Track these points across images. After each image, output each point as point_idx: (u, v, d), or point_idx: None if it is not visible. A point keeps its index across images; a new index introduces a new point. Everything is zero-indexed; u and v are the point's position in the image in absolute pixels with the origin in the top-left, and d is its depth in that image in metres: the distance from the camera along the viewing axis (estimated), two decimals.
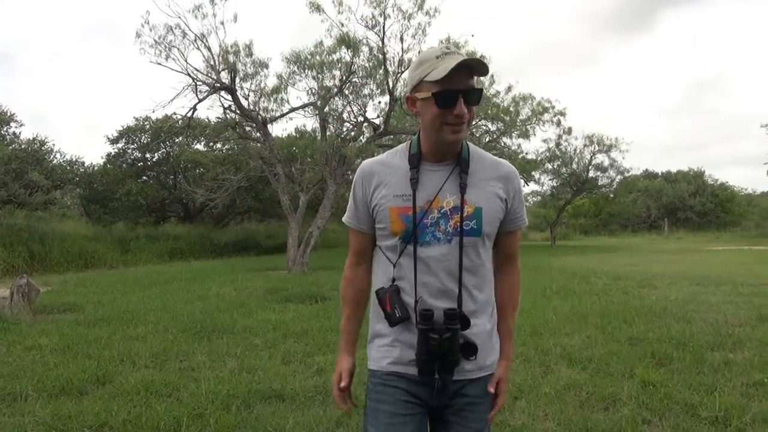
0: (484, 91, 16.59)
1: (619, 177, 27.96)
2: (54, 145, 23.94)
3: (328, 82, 14.63)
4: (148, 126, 23.61)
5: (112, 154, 24.39)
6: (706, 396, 3.80)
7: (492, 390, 1.65)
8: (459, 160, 1.58)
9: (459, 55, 1.46)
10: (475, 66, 1.47)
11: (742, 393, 3.89)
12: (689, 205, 38.15)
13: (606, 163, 26.21)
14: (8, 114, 21.35)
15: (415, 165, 1.57)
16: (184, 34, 13.84)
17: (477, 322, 1.58)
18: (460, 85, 1.46)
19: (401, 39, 13.47)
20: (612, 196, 31.78)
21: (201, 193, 17.83)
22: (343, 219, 1.71)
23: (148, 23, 13.76)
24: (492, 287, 1.66)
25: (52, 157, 22.38)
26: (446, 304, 1.53)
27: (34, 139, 21.99)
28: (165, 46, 13.85)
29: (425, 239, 1.55)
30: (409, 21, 13.37)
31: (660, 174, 45.56)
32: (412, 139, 1.64)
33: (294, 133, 19.74)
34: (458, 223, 1.54)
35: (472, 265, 1.57)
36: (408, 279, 1.56)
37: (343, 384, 1.71)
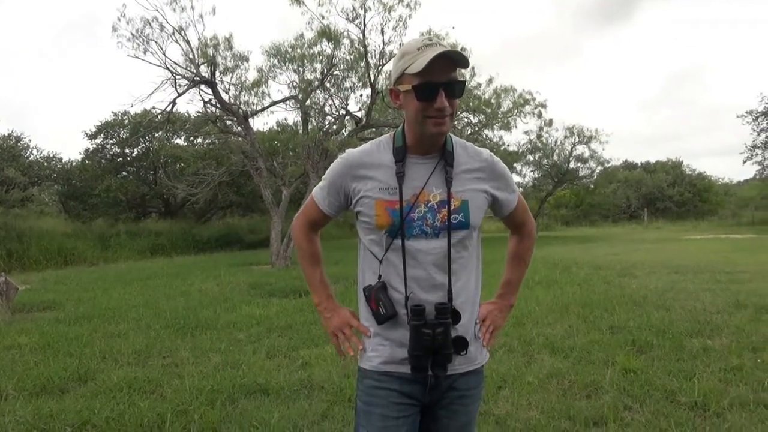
0: (465, 83, 16.61)
1: (599, 168, 28.32)
2: (30, 141, 23.56)
3: (309, 75, 14.55)
4: (126, 121, 23.31)
5: (91, 149, 24.07)
6: (686, 382, 3.88)
7: (480, 325, 1.69)
8: (444, 152, 1.57)
9: (440, 47, 1.44)
10: (455, 58, 1.45)
11: (720, 378, 3.97)
12: (668, 195, 38.64)
13: (586, 154, 26.55)
14: None
15: (401, 158, 1.55)
16: (162, 28, 13.67)
17: (465, 314, 1.58)
18: (441, 78, 1.44)
19: (382, 31, 13.44)
20: (592, 186, 32.16)
21: (182, 188, 17.64)
22: (314, 192, 1.70)
23: (124, 16, 13.57)
24: (479, 278, 1.66)
25: (28, 153, 22.08)
26: (436, 298, 1.52)
27: (9, 135, 21.66)
28: (143, 40, 13.67)
29: (412, 233, 1.53)
30: (390, 13, 13.33)
31: (639, 165, 46.06)
32: (396, 131, 1.62)
33: (275, 127, 19.60)
34: (446, 217, 1.53)
35: (461, 257, 1.57)
36: (397, 274, 1.55)
37: (354, 322, 1.67)
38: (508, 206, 1.69)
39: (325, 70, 14.18)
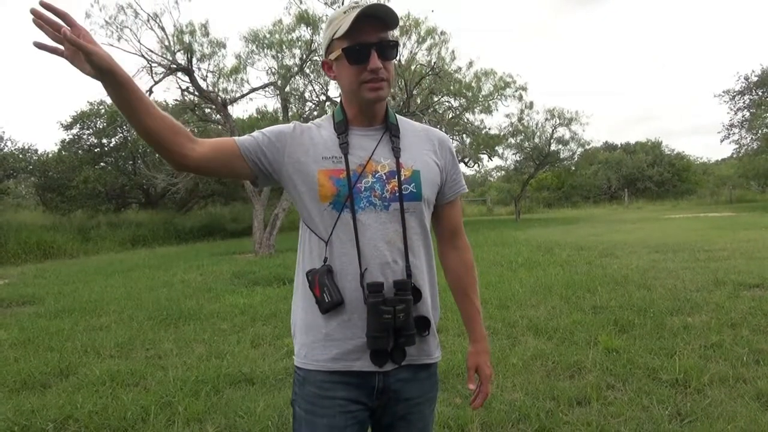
0: (446, 67, 16.56)
1: (580, 150, 28.40)
2: (4, 132, 23.07)
3: (289, 61, 14.42)
4: (103, 110, 22.90)
5: (67, 140, 23.63)
6: (667, 359, 3.93)
7: (472, 386, 1.60)
8: (387, 124, 1.48)
9: (372, 6, 1.36)
10: (382, 15, 1.36)
11: (700, 355, 4.03)
12: (648, 175, 39.06)
13: (567, 136, 26.57)
14: None
15: (343, 131, 1.46)
16: (136, 14, 13.42)
17: (425, 292, 1.47)
18: (371, 38, 1.36)
19: None
20: (573, 168, 32.35)
21: (162, 178, 17.45)
22: (237, 138, 1.46)
23: (98, 2, 13.29)
24: (433, 262, 1.54)
25: (2, 145, 21.60)
26: (392, 276, 1.40)
27: None
28: (116, 27, 13.41)
29: (359, 205, 1.40)
30: None
31: (619, 146, 46.47)
32: (335, 108, 1.54)
33: (255, 114, 19.45)
34: (396, 188, 1.42)
35: (415, 232, 1.46)
36: (346, 252, 1.40)
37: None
38: (453, 189, 1.57)
39: (304, 56, 14.04)
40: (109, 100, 21.03)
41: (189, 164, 1.40)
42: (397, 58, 1.51)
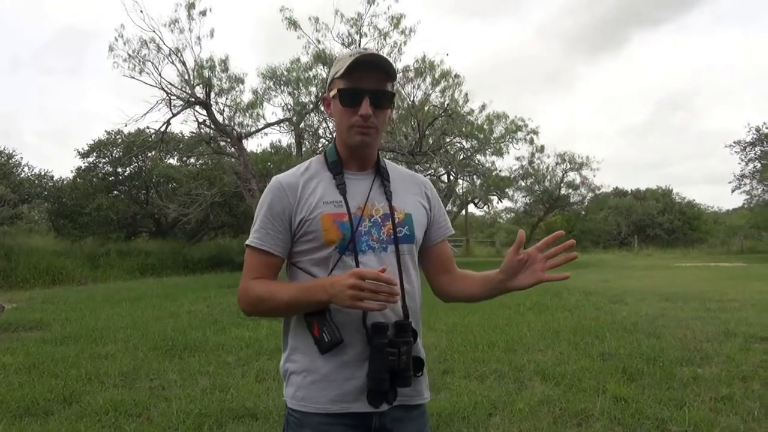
0: (459, 108, 16.80)
1: (590, 194, 28.48)
2: (22, 158, 23.46)
3: (304, 98, 14.71)
4: (120, 140, 23.30)
5: (83, 168, 23.98)
6: (676, 411, 3.87)
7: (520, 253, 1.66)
8: (378, 168, 1.53)
9: (373, 55, 1.41)
10: (379, 63, 1.41)
11: (711, 408, 3.96)
12: (658, 222, 38.91)
13: (577, 180, 26.71)
14: None
15: (339, 171, 1.49)
16: (159, 49, 13.81)
17: (419, 335, 1.50)
18: (367, 85, 1.40)
19: None
20: (583, 213, 32.32)
21: (174, 208, 17.62)
22: (251, 241, 1.48)
23: (122, 37, 13.71)
24: (420, 295, 1.56)
25: (19, 170, 21.98)
26: (393, 317, 1.42)
27: (0, 152, 21.57)
28: (139, 60, 13.79)
29: (361, 248, 1.43)
30: (385, 39, 13.60)
31: (629, 192, 46.44)
32: (326, 148, 1.57)
33: (269, 149, 19.71)
34: (391, 230, 1.47)
35: (410, 273, 1.50)
36: None
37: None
38: (441, 230, 1.63)
39: (320, 93, 14.31)
40: (126, 130, 21.40)
41: None
42: (411, 100, 1.56)
